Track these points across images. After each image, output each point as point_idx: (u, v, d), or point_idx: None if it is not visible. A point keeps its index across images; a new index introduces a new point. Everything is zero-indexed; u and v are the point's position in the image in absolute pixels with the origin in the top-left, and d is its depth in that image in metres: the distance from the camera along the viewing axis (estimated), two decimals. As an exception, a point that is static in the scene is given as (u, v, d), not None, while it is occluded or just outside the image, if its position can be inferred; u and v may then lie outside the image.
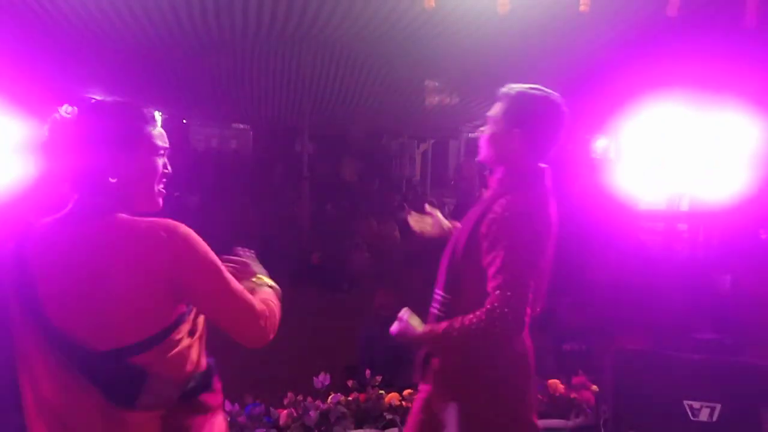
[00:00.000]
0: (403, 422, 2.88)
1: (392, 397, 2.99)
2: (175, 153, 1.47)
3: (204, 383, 1.38)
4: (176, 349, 1.30)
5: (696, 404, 2.53)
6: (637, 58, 4.75)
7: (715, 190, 3.20)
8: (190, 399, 1.34)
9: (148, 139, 1.35)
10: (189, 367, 1.33)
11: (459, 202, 11.72)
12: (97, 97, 8.75)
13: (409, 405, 2.95)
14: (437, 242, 1.86)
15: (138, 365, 1.25)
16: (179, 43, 5.85)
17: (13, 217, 1.57)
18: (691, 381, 2.57)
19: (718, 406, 2.51)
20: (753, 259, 4.26)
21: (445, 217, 2.21)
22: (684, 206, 3.52)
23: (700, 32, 4.01)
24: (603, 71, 5.40)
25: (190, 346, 1.34)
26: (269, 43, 6.71)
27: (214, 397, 1.42)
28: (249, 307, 1.35)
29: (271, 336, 1.40)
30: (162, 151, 1.39)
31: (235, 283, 1.34)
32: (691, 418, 2.53)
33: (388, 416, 2.90)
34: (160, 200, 1.41)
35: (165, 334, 1.28)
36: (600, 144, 6.29)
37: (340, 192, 10.94)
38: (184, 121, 12.55)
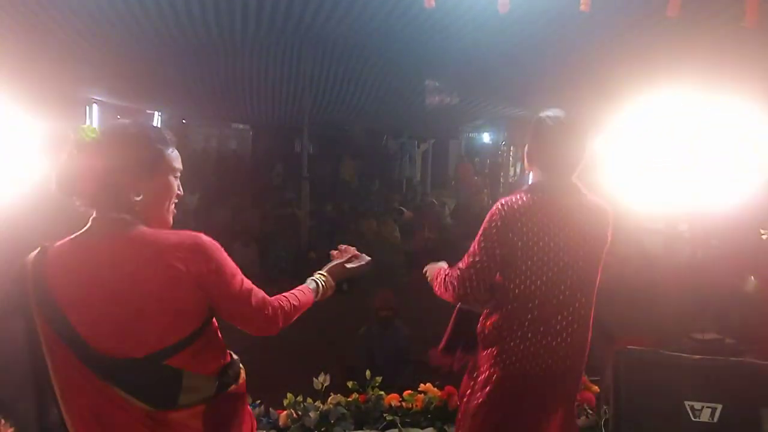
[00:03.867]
0: (403, 423, 2.88)
1: (392, 398, 2.98)
2: None
3: (234, 374, 1.48)
4: (206, 347, 1.41)
5: (697, 405, 2.52)
6: (637, 58, 4.75)
7: (715, 190, 3.20)
8: (224, 391, 1.43)
9: (168, 163, 1.44)
10: (219, 361, 1.45)
11: (459, 202, 11.75)
12: (101, 98, 8.75)
13: (409, 406, 2.94)
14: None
15: (172, 366, 1.33)
16: (179, 43, 5.85)
17: (23, 228, 1.63)
18: (692, 381, 2.56)
19: (720, 407, 2.51)
20: (754, 259, 4.26)
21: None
22: (684, 206, 3.51)
23: (700, 33, 4.01)
24: (603, 71, 5.40)
25: (217, 342, 1.47)
26: (269, 43, 6.71)
27: (242, 387, 1.53)
28: (263, 313, 1.46)
29: (279, 326, 1.50)
30: (177, 173, 1.48)
31: (247, 283, 1.45)
32: (692, 418, 2.53)
33: (388, 417, 2.89)
34: (171, 219, 1.49)
35: (196, 335, 1.37)
36: (599, 144, 6.28)
37: (340, 192, 10.94)
38: (184, 121, 12.55)
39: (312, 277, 1.76)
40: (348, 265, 1.87)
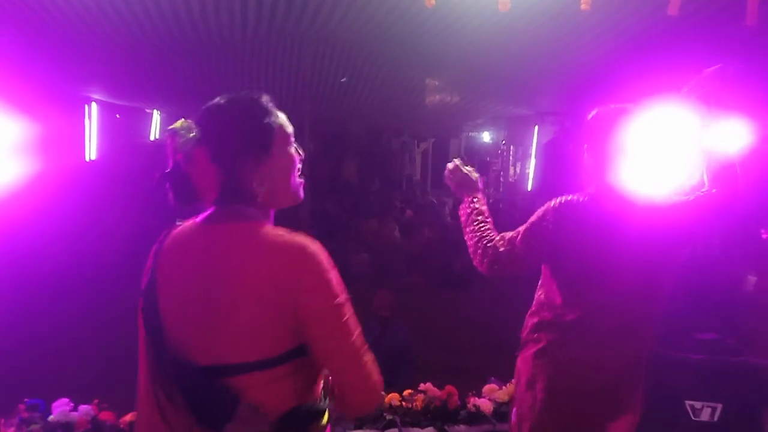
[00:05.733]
0: (403, 423, 2.87)
1: (392, 398, 2.98)
2: None
3: (298, 426, 1.20)
4: (281, 382, 1.16)
5: (697, 404, 2.52)
6: (638, 57, 4.74)
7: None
8: None
9: (282, 132, 1.26)
10: (287, 405, 1.18)
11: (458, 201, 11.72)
12: (100, 97, 8.73)
13: (409, 405, 2.93)
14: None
15: (233, 389, 1.12)
16: (178, 42, 5.84)
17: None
18: (692, 381, 2.56)
19: (720, 406, 2.51)
20: (754, 259, 4.26)
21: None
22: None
23: (700, 32, 4.00)
24: (603, 70, 5.39)
25: (302, 383, 1.20)
26: (269, 42, 6.71)
27: None
28: (362, 361, 1.23)
29: (373, 406, 1.27)
30: (292, 138, 1.29)
31: (356, 327, 1.22)
32: (693, 418, 2.53)
33: (388, 417, 2.88)
34: (301, 191, 1.36)
35: (274, 363, 1.14)
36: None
37: (341, 191, 10.94)
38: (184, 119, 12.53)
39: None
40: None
